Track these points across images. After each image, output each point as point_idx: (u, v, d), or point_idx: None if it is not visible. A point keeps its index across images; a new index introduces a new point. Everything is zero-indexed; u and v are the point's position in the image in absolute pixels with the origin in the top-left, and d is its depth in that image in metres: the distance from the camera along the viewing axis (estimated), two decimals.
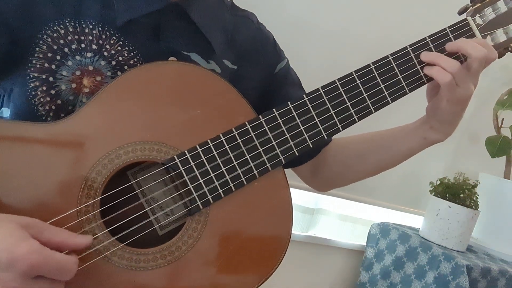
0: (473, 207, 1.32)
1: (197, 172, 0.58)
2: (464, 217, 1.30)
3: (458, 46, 0.63)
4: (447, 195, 1.33)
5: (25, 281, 0.45)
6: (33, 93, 0.59)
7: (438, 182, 1.37)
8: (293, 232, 0.61)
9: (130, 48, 0.62)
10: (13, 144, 0.54)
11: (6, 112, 0.61)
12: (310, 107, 0.62)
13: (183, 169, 0.57)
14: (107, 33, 0.61)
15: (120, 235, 0.56)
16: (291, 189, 0.62)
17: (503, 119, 1.50)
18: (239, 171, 0.59)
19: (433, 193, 1.36)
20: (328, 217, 1.52)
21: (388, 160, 0.75)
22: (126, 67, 0.61)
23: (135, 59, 0.62)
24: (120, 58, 0.61)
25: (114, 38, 0.61)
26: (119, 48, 0.61)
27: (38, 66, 0.59)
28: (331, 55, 1.31)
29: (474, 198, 1.33)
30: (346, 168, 0.79)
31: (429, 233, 1.35)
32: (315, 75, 0.83)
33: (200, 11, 0.65)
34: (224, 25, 0.70)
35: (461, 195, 1.32)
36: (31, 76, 0.59)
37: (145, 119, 0.57)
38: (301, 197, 1.44)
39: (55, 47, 0.59)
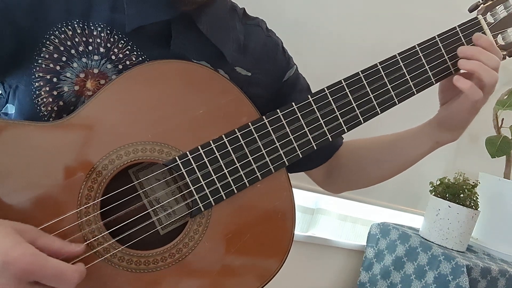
0: (473, 207, 1.32)
1: (198, 174, 0.57)
2: (464, 217, 1.30)
3: (472, 65, 0.61)
4: (447, 195, 1.33)
5: (19, 285, 0.44)
6: (37, 92, 0.58)
7: (438, 182, 1.36)
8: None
9: (139, 53, 0.61)
10: (12, 144, 0.53)
11: (11, 108, 0.61)
12: (315, 108, 0.61)
13: (185, 171, 0.57)
14: (115, 36, 0.60)
15: (121, 236, 0.55)
16: None
17: (503, 119, 1.50)
18: (242, 172, 0.58)
19: (433, 193, 1.36)
20: (328, 217, 1.51)
21: (402, 166, 0.75)
22: None
23: None
24: (128, 62, 0.61)
25: (122, 42, 0.60)
26: (127, 52, 0.61)
27: (43, 66, 0.58)
28: (331, 58, 1.30)
29: (474, 198, 1.33)
30: (361, 173, 0.79)
31: (429, 233, 1.35)
32: (314, 77, 0.82)
33: (210, 22, 0.64)
34: (235, 34, 0.69)
35: (461, 195, 1.32)
36: (36, 75, 0.58)
37: (146, 119, 0.57)
38: (301, 197, 1.44)
39: (61, 48, 0.59)
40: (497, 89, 1.53)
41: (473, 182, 1.35)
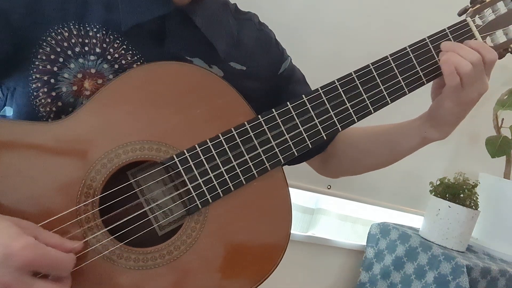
0: (473, 207, 1.32)
1: (196, 172, 0.58)
2: (464, 217, 1.30)
3: (453, 49, 0.64)
4: (447, 195, 1.33)
5: (21, 276, 0.45)
6: (35, 94, 0.59)
7: (438, 182, 1.36)
8: (293, 232, 0.61)
9: (134, 52, 0.62)
10: (11, 143, 0.54)
11: (9, 111, 0.61)
12: (309, 107, 0.62)
13: (182, 169, 0.58)
14: (111, 36, 0.61)
15: (118, 233, 0.56)
16: (291, 189, 0.62)
17: (503, 119, 1.50)
18: (238, 170, 0.59)
19: (433, 193, 1.36)
20: (328, 217, 1.52)
21: (393, 157, 0.76)
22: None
23: (139, 63, 0.62)
24: (123, 62, 0.62)
25: (118, 42, 0.61)
26: (123, 51, 0.62)
27: (40, 67, 0.59)
28: (334, 51, 1.31)
29: (474, 198, 1.33)
30: (355, 162, 0.81)
31: (429, 233, 1.35)
32: (318, 70, 0.83)
33: (204, 17, 0.65)
34: (228, 29, 0.70)
35: (461, 195, 1.32)
36: (34, 77, 0.59)
37: (144, 118, 0.57)
38: (301, 197, 1.44)
39: (58, 49, 0.59)
40: (497, 89, 1.54)
41: (473, 182, 1.35)
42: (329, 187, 1.40)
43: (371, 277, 1.42)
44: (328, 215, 1.52)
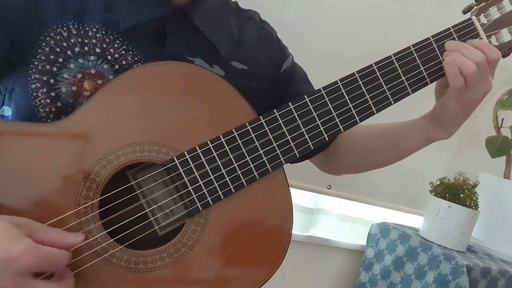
0: (473, 207, 1.32)
1: (196, 174, 0.57)
2: (464, 217, 1.30)
3: (457, 48, 0.63)
4: (447, 195, 1.33)
5: (22, 280, 0.45)
6: (34, 94, 0.59)
7: (438, 182, 1.37)
8: (293, 232, 0.61)
9: (134, 52, 0.62)
10: (11, 144, 0.53)
11: (8, 110, 0.61)
12: (312, 108, 0.61)
13: (183, 170, 0.57)
14: (111, 36, 0.61)
15: (119, 236, 0.56)
16: (291, 189, 0.62)
17: (503, 119, 1.50)
18: (239, 172, 0.59)
19: (433, 193, 1.36)
20: (328, 217, 1.52)
21: (394, 157, 0.76)
22: None
23: (139, 64, 0.62)
24: (124, 62, 0.61)
25: (118, 42, 0.61)
26: (123, 52, 0.61)
27: (39, 67, 0.58)
28: (337, 49, 1.31)
29: (474, 198, 1.33)
30: (357, 160, 0.81)
31: (429, 233, 1.35)
32: (320, 69, 0.83)
33: (205, 16, 0.65)
34: (229, 28, 0.70)
35: (461, 195, 1.32)
36: (33, 77, 0.59)
37: (144, 119, 0.57)
38: (301, 197, 1.44)
39: (57, 49, 0.59)
40: (497, 89, 1.53)
41: (473, 182, 1.35)
42: (329, 187, 1.40)
43: (371, 277, 1.42)
44: (328, 215, 1.51)
